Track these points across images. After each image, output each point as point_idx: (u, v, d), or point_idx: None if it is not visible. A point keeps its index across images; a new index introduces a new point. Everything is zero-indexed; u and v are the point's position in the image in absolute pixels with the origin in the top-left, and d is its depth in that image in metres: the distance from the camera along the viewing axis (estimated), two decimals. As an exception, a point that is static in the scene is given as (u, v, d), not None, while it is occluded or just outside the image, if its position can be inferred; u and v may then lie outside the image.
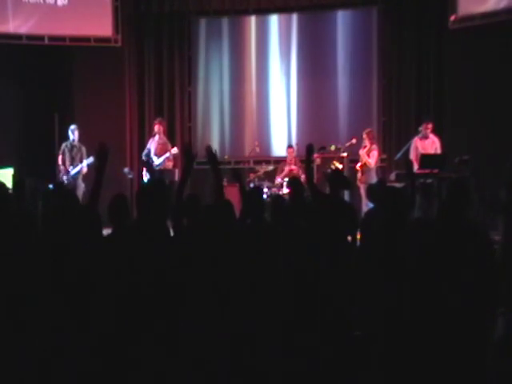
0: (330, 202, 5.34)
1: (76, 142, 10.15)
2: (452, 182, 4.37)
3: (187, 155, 4.79)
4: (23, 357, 3.48)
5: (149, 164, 10.22)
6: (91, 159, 9.63)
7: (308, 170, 5.67)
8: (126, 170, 10.75)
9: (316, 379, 3.79)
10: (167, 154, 10.38)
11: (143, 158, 10.55)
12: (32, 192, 6.07)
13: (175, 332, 3.67)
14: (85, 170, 9.93)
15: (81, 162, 10.01)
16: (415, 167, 9.02)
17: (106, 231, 4.10)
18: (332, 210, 5.17)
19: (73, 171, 10.02)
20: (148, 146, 10.63)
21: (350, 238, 5.31)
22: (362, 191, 9.69)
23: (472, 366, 3.71)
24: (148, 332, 3.63)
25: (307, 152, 5.45)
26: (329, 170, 9.44)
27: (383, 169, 11.06)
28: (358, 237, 5.30)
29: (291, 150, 10.97)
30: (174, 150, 10.44)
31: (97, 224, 3.97)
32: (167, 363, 3.62)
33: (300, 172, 10.41)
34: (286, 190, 9.88)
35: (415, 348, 3.75)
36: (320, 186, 6.87)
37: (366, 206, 8.42)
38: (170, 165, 10.47)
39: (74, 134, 10.16)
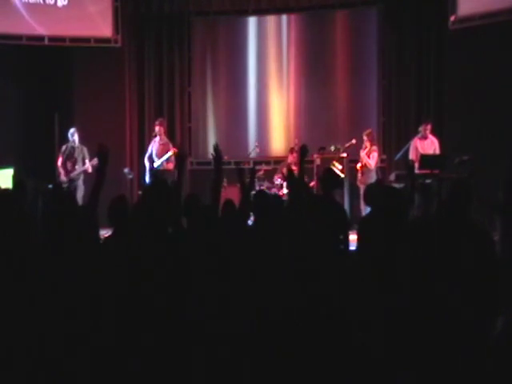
0: (320, 201, 5.38)
1: (77, 144, 10.15)
2: (454, 182, 4.38)
3: (179, 155, 4.82)
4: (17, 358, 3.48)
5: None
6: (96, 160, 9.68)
7: (300, 172, 5.68)
8: (126, 170, 10.75)
9: (316, 379, 3.79)
10: (167, 156, 10.34)
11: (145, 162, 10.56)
12: (32, 192, 6.07)
13: (176, 332, 3.67)
14: (90, 170, 9.89)
15: (83, 162, 10.02)
16: (416, 167, 9.04)
17: (106, 232, 4.10)
18: (322, 210, 5.20)
19: (77, 171, 10.02)
20: (150, 149, 10.61)
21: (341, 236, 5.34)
22: (362, 192, 9.69)
23: (471, 366, 3.71)
24: (148, 332, 3.63)
25: (300, 153, 5.50)
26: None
27: (383, 169, 11.06)
28: (353, 238, 5.32)
29: (295, 154, 10.88)
30: (171, 152, 10.40)
31: (94, 225, 3.97)
32: (167, 364, 3.62)
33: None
34: (285, 191, 9.87)
35: (415, 348, 3.76)
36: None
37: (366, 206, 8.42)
38: (170, 166, 10.45)
39: (73, 136, 10.17)
